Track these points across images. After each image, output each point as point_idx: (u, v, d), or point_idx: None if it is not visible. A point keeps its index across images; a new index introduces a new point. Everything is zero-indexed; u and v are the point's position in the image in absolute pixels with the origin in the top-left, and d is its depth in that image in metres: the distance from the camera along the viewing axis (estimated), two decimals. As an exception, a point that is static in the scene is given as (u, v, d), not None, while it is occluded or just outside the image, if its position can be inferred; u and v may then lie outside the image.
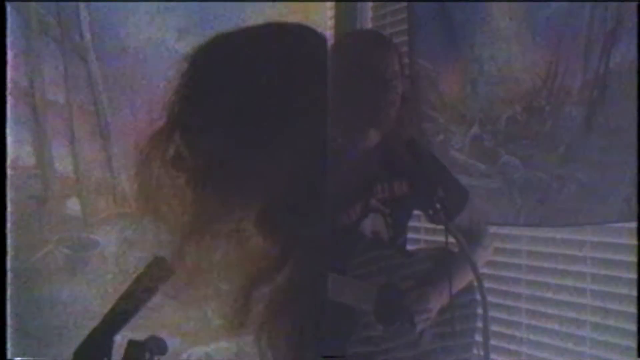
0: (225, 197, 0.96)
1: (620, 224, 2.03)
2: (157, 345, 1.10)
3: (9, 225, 2.66)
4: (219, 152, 0.96)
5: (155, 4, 2.88)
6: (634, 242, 1.92)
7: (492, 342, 2.03)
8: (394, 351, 2.01)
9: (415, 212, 2.24)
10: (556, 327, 2.25)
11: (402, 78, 2.02)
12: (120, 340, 1.12)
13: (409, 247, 2.32)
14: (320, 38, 1.03)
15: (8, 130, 2.68)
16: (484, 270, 2.15)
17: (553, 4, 2.16)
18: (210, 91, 0.96)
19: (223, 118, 0.95)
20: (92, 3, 2.80)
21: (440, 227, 1.98)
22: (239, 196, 0.96)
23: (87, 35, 2.81)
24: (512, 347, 2.39)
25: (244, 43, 1.00)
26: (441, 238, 2.00)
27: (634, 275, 1.91)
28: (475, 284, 1.97)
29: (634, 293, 1.91)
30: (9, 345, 2.65)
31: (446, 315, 2.07)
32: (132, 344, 1.08)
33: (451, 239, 1.90)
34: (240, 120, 0.94)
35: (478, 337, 2.16)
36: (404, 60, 2.08)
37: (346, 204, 2.03)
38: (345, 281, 1.95)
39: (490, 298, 2.02)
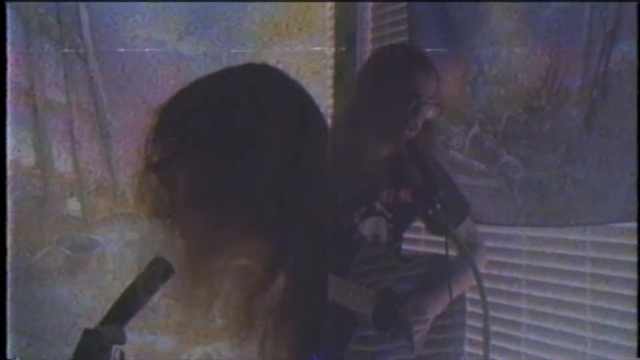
0: (213, 223, 0.99)
1: (620, 224, 2.03)
2: (114, 334, 1.05)
3: (9, 225, 2.66)
4: (198, 185, 1.00)
5: (156, 4, 2.88)
6: (634, 242, 1.92)
7: (492, 342, 2.03)
8: (389, 354, 2.02)
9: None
10: (556, 327, 2.24)
11: (433, 102, 2.00)
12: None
13: (409, 248, 2.33)
14: (277, 74, 1.08)
15: (8, 130, 2.68)
16: (483, 270, 2.16)
17: (553, 4, 2.16)
18: (182, 129, 1.01)
19: (197, 150, 1.00)
20: (92, 3, 2.80)
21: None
22: (226, 219, 0.99)
23: (87, 35, 2.81)
24: (512, 347, 2.39)
25: (211, 89, 1.05)
26: (440, 240, 2.01)
27: (634, 275, 1.91)
28: (475, 284, 1.98)
29: (634, 293, 1.91)
30: (9, 345, 2.65)
31: (437, 322, 2.08)
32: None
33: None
34: (213, 148, 0.99)
35: (468, 348, 2.17)
36: (441, 85, 2.06)
37: (353, 206, 2.03)
38: (345, 284, 1.95)
39: (490, 298, 2.02)
